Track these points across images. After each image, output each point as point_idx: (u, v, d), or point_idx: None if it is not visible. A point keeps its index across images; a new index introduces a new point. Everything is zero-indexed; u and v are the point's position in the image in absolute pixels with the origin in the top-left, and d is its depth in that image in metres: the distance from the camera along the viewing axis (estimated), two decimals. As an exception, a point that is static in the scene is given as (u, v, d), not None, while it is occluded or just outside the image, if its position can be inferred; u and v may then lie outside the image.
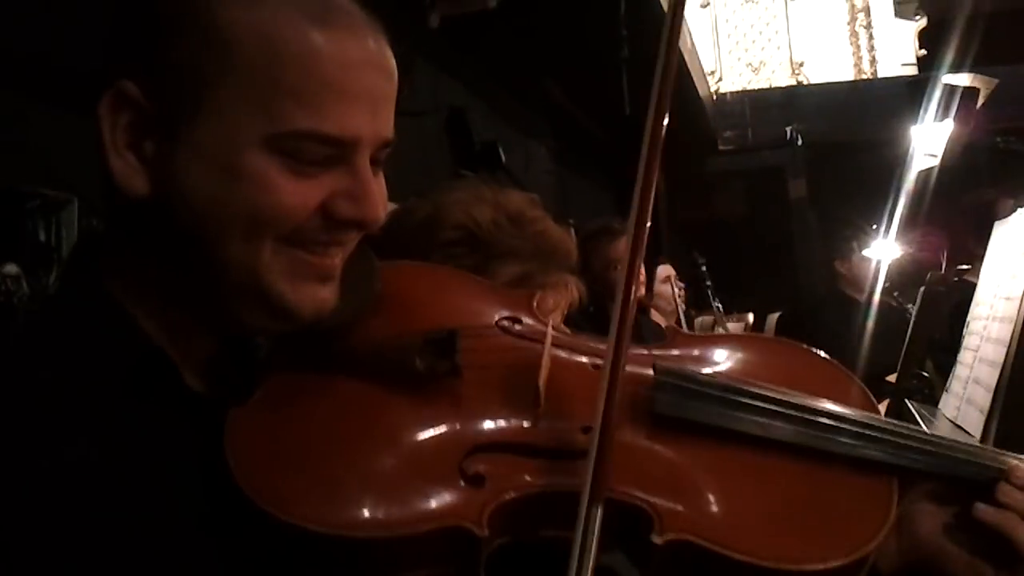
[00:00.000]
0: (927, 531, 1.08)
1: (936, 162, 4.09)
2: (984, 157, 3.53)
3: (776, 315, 6.23)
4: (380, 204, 0.94)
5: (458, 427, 0.98)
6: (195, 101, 0.88)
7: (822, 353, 1.22)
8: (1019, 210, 2.32)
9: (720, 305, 6.16)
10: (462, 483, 0.92)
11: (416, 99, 4.24)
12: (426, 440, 0.96)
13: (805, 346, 1.24)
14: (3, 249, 1.83)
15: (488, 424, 1.00)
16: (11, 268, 1.79)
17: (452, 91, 4.81)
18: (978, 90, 3.47)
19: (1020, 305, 2.00)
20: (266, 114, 0.87)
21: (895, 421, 1.10)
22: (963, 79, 3.50)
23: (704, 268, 6.30)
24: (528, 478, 0.95)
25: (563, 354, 1.10)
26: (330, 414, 0.97)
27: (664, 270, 5.40)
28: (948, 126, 3.77)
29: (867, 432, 1.06)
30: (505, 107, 5.67)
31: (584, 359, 1.12)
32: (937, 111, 3.85)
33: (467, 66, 5.00)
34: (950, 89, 3.63)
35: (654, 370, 1.06)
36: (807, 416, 1.05)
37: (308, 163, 0.90)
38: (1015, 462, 1.05)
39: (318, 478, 0.89)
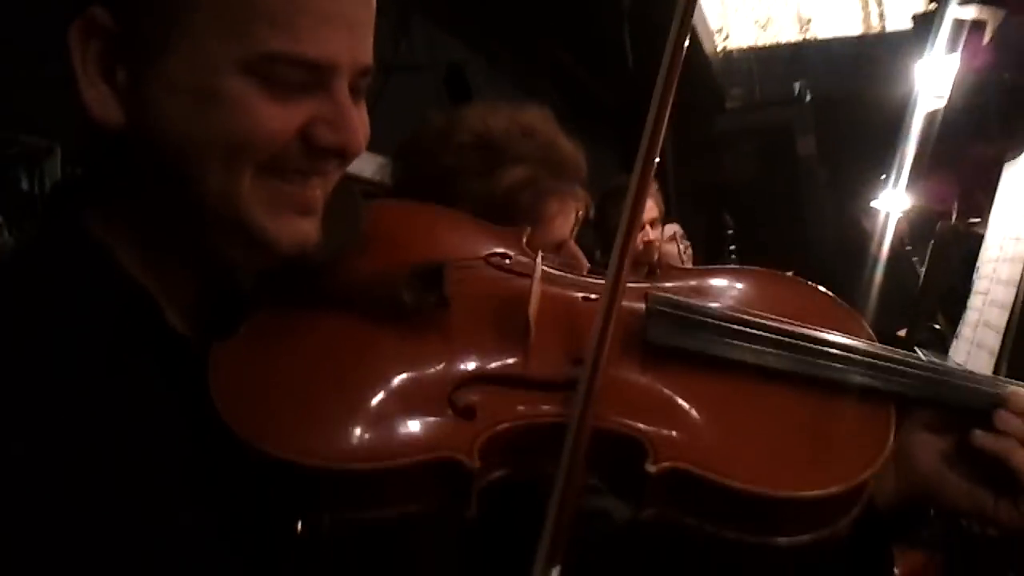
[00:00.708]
0: (925, 462, 1.06)
1: (943, 103, 4.01)
2: (992, 95, 3.45)
3: (788, 274, 6.21)
4: (360, 132, 0.91)
5: (447, 359, 0.96)
6: (168, 25, 0.85)
7: (818, 286, 1.20)
8: (1030, 152, 2.27)
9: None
10: (452, 415, 0.90)
11: (414, 54, 4.19)
12: (415, 373, 0.94)
13: (800, 278, 1.22)
14: (-16, 198, 1.80)
15: (478, 356, 0.97)
16: (-10, 217, 1.77)
17: (451, 47, 4.75)
18: (985, 23, 3.39)
19: (1030, 244, 1.96)
20: (241, 37, 0.84)
21: (891, 347, 1.07)
22: (970, 12, 3.42)
23: (731, 232, 6.23)
24: (519, 409, 0.93)
25: (554, 288, 1.08)
26: (316, 348, 0.94)
27: (670, 228, 5.36)
28: (955, 61, 3.69)
29: (862, 358, 1.04)
30: (505, 64, 5.62)
31: (575, 293, 1.10)
32: (944, 47, 3.77)
33: (466, 22, 4.94)
34: (957, 23, 3.55)
35: (646, 300, 1.04)
36: (802, 343, 1.03)
37: (285, 87, 0.87)
38: (1013, 388, 1.02)
39: (305, 412, 0.87)
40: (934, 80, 4.00)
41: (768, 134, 9.19)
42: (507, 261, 1.13)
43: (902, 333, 3.17)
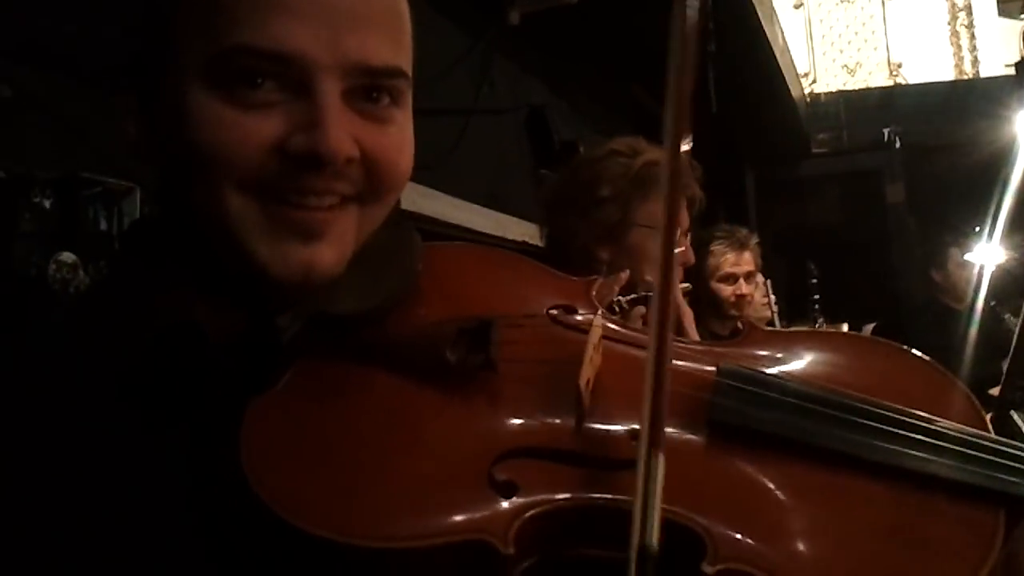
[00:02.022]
0: None
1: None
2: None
3: (872, 325, 6.03)
4: (341, 137, 0.84)
5: (489, 428, 0.88)
6: (164, 51, 0.85)
7: (922, 355, 1.05)
8: None
9: (822, 320, 5.95)
10: (490, 491, 0.82)
11: (496, 98, 4.19)
12: (454, 441, 0.86)
13: (903, 347, 1.07)
14: (62, 237, 1.82)
15: (523, 426, 0.89)
16: (68, 256, 1.78)
17: (533, 90, 4.75)
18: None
19: None
20: (204, 40, 0.82)
21: (1008, 440, 0.93)
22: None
23: (815, 281, 6.09)
24: (564, 489, 0.83)
25: (615, 349, 0.98)
26: (353, 408, 0.88)
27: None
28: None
29: (973, 452, 0.90)
30: (586, 106, 5.60)
31: (639, 353, 0.97)
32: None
33: (548, 64, 4.94)
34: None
35: (717, 372, 0.94)
36: (899, 430, 0.90)
37: (253, 95, 0.82)
38: None
39: (333, 479, 0.81)
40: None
41: (856, 180, 9.00)
42: (569, 317, 1.04)
43: (994, 391, 3.03)
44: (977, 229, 4.63)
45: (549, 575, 0.82)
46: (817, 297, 5.83)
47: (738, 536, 0.82)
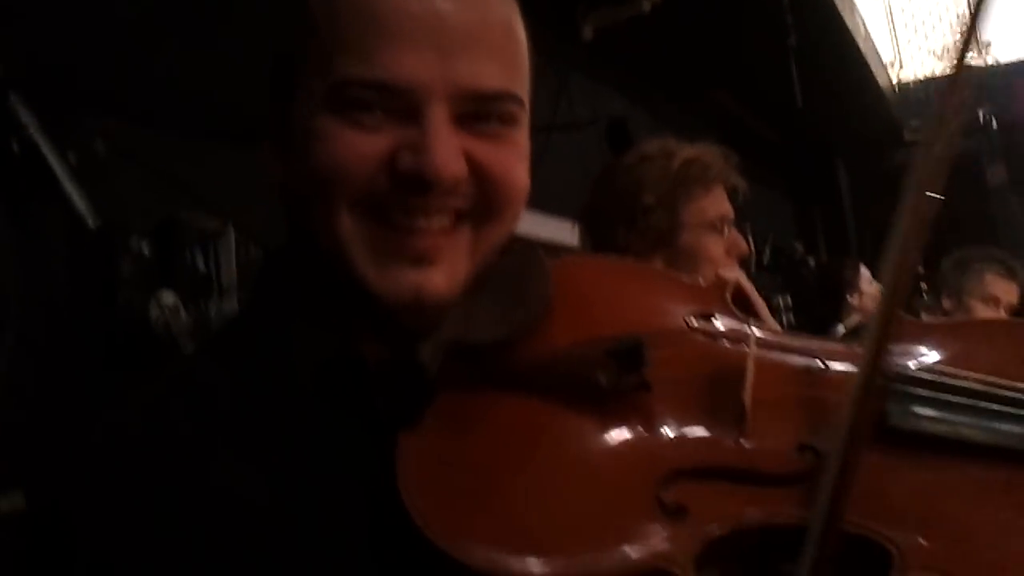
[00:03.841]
0: None
1: None
2: None
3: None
4: (448, 158, 0.84)
5: (652, 450, 0.84)
6: (295, 76, 0.89)
7: None
8: None
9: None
10: (662, 516, 0.78)
11: (575, 112, 4.18)
12: (616, 467, 0.83)
13: None
14: (162, 279, 1.87)
15: (686, 445, 0.85)
16: (168, 297, 1.82)
17: (612, 102, 4.73)
18: None
19: None
20: (324, 71, 0.85)
21: None
22: None
23: (920, 271, 5.92)
24: (738, 509, 0.80)
25: (769, 358, 0.95)
26: (508, 439, 0.85)
27: (867, 272, 5.13)
28: None
29: None
30: (667, 114, 5.55)
31: (794, 361, 0.96)
32: None
33: (625, 75, 4.92)
34: None
35: (887, 376, 0.87)
36: None
37: (370, 118, 0.84)
38: None
39: (499, 515, 0.78)
40: None
41: (954, 165, 8.75)
42: (713, 326, 1.00)
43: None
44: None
45: None
46: (924, 287, 5.65)
47: (924, 544, 0.79)
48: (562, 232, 2.27)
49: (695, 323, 0.99)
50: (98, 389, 1.53)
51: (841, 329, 5.09)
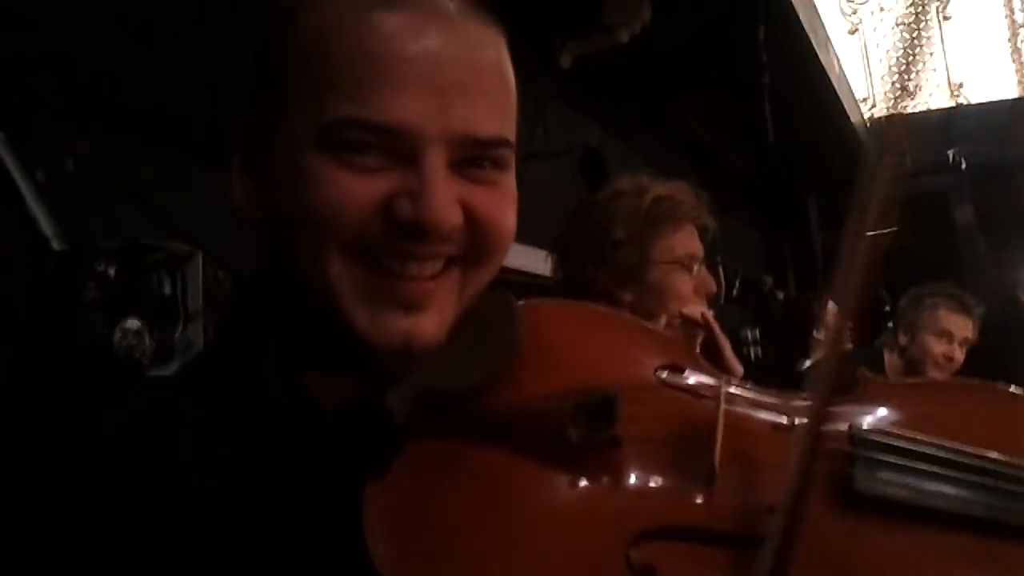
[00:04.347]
0: None
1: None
2: None
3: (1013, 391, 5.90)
4: (446, 206, 0.83)
5: (620, 509, 0.84)
6: (276, 110, 0.87)
7: None
8: None
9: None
10: None
11: (550, 140, 4.19)
12: (584, 525, 0.83)
13: (1019, 393, 1.03)
14: (127, 304, 1.85)
15: (655, 505, 0.85)
16: (133, 323, 1.80)
17: (587, 131, 4.75)
18: None
19: None
20: (316, 109, 0.83)
21: None
22: None
23: (888, 309, 5.97)
24: (706, 570, 0.81)
25: (740, 415, 0.94)
26: (476, 494, 0.84)
27: (834, 307, 5.16)
28: None
29: None
30: (642, 144, 5.59)
31: (765, 418, 0.96)
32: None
33: (601, 104, 4.94)
34: None
35: (852, 440, 0.90)
36: None
37: (364, 160, 0.83)
38: None
39: (465, 572, 0.78)
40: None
41: (922, 203, 8.86)
42: (683, 380, 0.99)
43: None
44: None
45: None
46: (892, 325, 5.71)
47: None
48: (535, 261, 2.28)
49: (666, 377, 0.99)
50: (58, 413, 1.51)
51: (807, 364, 5.14)
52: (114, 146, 2.00)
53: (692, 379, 0.99)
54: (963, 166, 8.61)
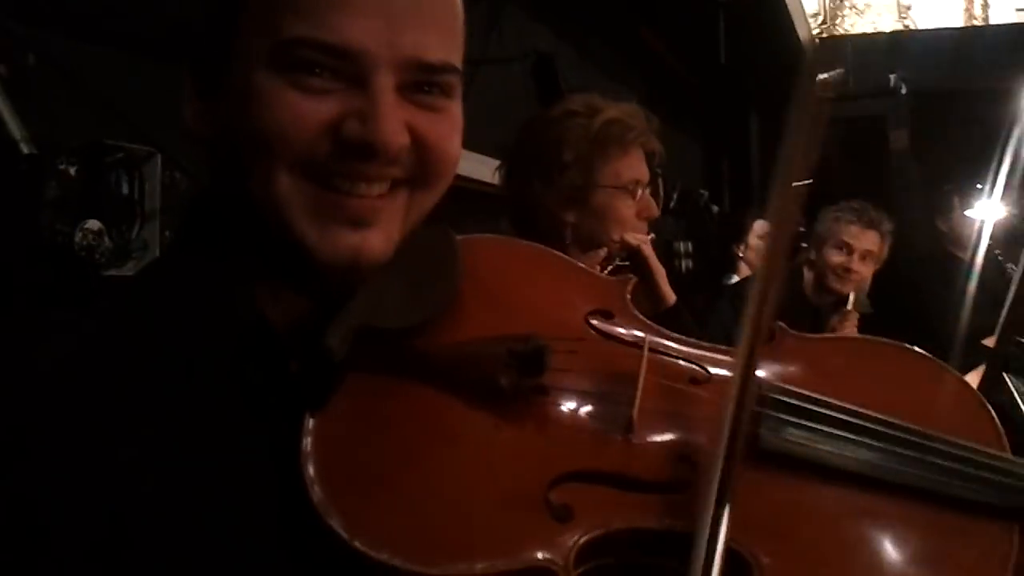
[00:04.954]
0: None
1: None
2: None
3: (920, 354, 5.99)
4: (395, 128, 0.87)
5: (543, 451, 0.90)
6: (232, 35, 0.89)
7: (950, 369, 1.10)
8: None
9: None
10: (548, 516, 0.84)
11: (504, 46, 4.17)
12: (509, 465, 0.88)
13: (931, 358, 1.10)
14: (86, 204, 1.85)
15: (575, 450, 0.91)
16: (93, 224, 1.81)
17: (540, 37, 4.71)
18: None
19: None
20: (269, 29, 0.85)
21: (1020, 460, 0.98)
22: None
23: (803, 229, 6.05)
24: (619, 512, 0.86)
25: (662, 367, 1.00)
26: (407, 431, 0.89)
27: (761, 226, 5.25)
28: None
29: (993, 476, 0.95)
30: (595, 54, 5.54)
31: (685, 369, 1.02)
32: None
33: (556, 11, 4.89)
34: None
35: (761, 399, 0.95)
36: (925, 456, 0.95)
37: (315, 81, 0.86)
38: None
39: (393, 507, 0.83)
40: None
41: (859, 126, 8.92)
42: (610, 328, 1.05)
43: (988, 343, 3.06)
44: (979, 185, 4.62)
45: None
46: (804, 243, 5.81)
47: (782, 559, 0.86)
48: (482, 169, 2.28)
49: (595, 323, 1.04)
50: (18, 316, 1.54)
51: (735, 279, 5.27)
52: (76, 43, 1.97)
53: (620, 327, 1.05)
54: (903, 91, 8.66)
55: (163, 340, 0.87)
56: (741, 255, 5.36)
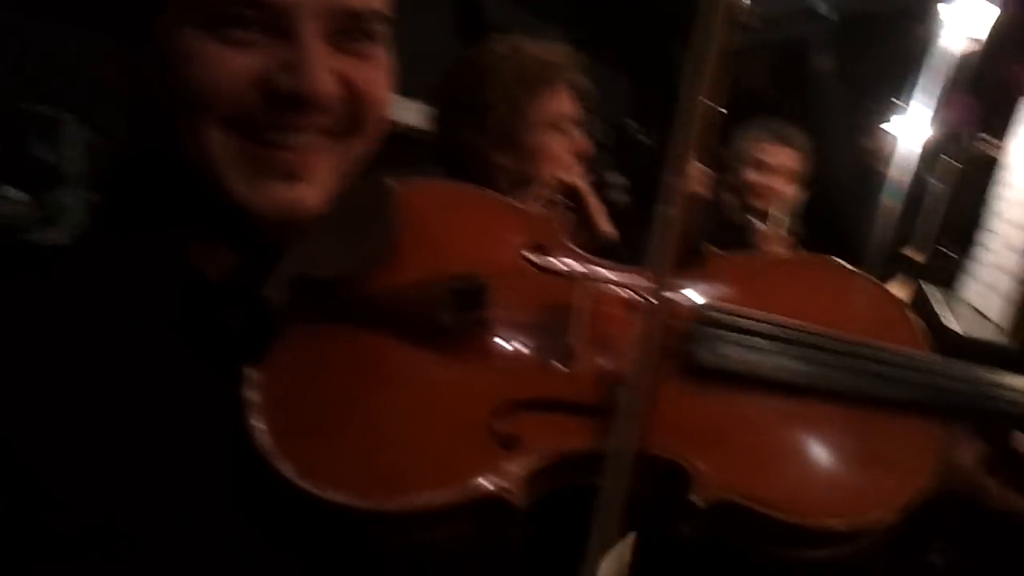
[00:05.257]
0: (964, 463, 1.04)
1: (975, 45, 3.93)
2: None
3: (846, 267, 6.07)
4: (324, 78, 0.87)
5: (486, 383, 0.92)
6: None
7: (873, 279, 1.15)
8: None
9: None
10: (496, 445, 0.87)
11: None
12: (453, 399, 0.90)
13: (855, 270, 1.16)
14: (5, 172, 1.80)
15: (518, 379, 0.94)
16: (14, 192, 1.77)
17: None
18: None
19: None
20: None
21: (942, 358, 1.05)
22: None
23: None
24: (564, 437, 0.90)
25: (597, 294, 1.03)
26: (351, 375, 0.90)
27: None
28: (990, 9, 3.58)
29: (916, 376, 1.01)
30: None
31: (620, 295, 1.05)
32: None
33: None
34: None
35: (695, 317, 1.00)
36: (853, 361, 1.00)
37: (240, 31, 0.85)
38: None
39: (340, 450, 0.84)
40: (963, 22, 3.88)
41: (783, 49, 8.95)
42: (546, 258, 1.07)
43: (909, 253, 3.16)
44: (900, 103, 4.71)
45: (543, 505, 0.88)
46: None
47: (720, 466, 0.89)
48: (409, 114, 2.28)
49: (531, 257, 1.07)
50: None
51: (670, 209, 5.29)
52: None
53: (555, 260, 1.08)
54: (828, 15, 8.70)
55: (98, 304, 0.86)
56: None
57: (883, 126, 4.84)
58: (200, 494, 0.81)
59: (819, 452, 0.95)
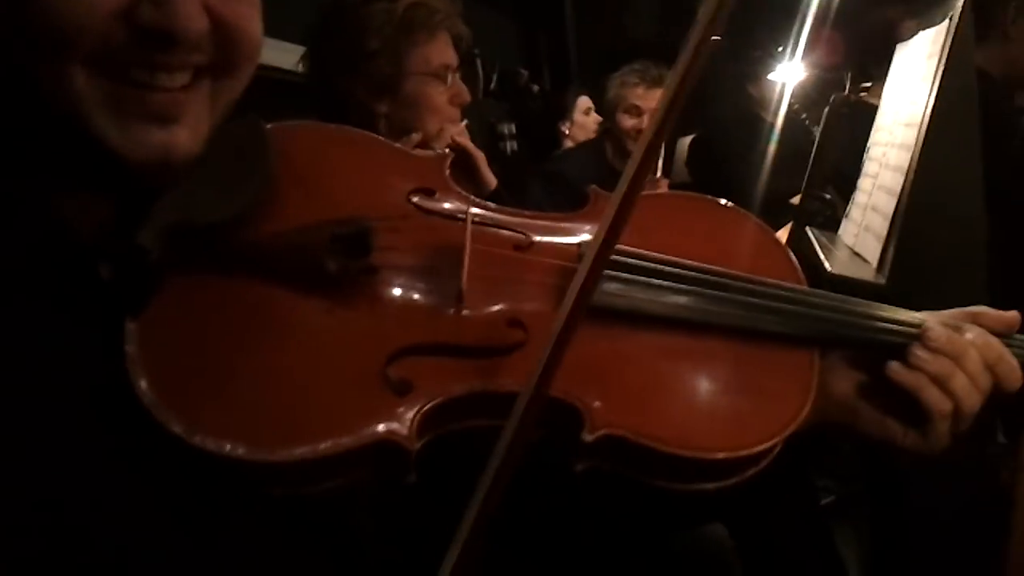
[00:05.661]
0: (840, 392, 1.08)
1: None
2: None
3: (688, 138, 6.19)
4: (191, 12, 0.82)
5: (377, 329, 0.91)
6: None
7: (751, 216, 1.18)
8: (921, 33, 2.29)
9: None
10: (388, 391, 0.86)
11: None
12: (344, 347, 0.89)
13: (732, 206, 1.19)
14: None
15: (409, 324, 0.92)
16: None
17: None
18: None
19: (918, 132, 1.99)
20: None
21: (816, 291, 1.09)
22: None
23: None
24: (457, 380, 0.89)
25: (485, 236, 1.03)
26: (236, 325, 0.87)
27: (584, 101, 5.30)
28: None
29: (791, 307, 1.04)
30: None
31: (508, 237, 1.04)
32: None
33: None
34: None
35: (580, 257, 0.99)
36: (732, 295, 1.03)
37: None
38: (928, 324, 1.05)
39: (229, 401, 0.82)
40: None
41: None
42: (434, 201, 1.05)
43: (795, 200, 3.25)
44: (780, 49, 4.80)
45: (437, 448, 0.88)
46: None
47: (608, 402, 0.91)
48: (285, 56, 2.20)
49: (417, 200, 1.05)
50: None
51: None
52: None
53: (442, 202, 1.06)
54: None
55: None
56: (567, 132, 5.41)
57: (770, 76, 4.93)
58: (86, 453, 0.79)
59: (703, 385, 0.98)
